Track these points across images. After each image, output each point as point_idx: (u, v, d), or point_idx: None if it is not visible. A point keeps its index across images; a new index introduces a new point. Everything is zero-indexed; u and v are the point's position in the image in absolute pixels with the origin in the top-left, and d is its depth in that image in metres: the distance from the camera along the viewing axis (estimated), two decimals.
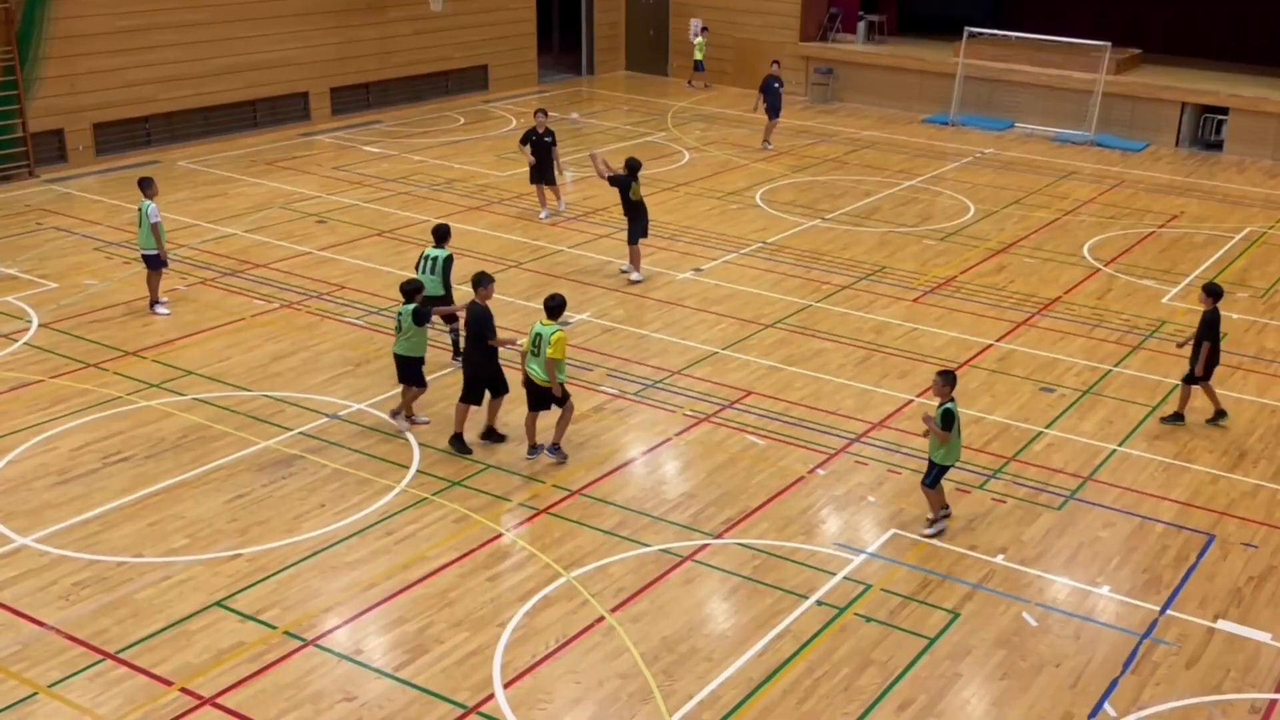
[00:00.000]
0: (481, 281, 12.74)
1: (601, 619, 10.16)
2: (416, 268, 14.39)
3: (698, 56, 32.80)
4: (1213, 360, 13.62)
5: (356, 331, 15.83)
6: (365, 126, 27.26)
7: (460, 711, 9.06)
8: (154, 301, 16.25)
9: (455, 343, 14.75)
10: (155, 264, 16.05)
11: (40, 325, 15.82)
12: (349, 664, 9.55)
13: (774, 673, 9.57)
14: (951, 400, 11.26)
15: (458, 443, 12.82)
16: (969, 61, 29.51)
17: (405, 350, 13.00)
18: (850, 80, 31.62)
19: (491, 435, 13.03)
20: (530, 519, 11.67)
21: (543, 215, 20.73)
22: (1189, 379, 13.81)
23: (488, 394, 12.87)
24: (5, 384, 14.13)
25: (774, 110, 26.28)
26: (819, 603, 10.46)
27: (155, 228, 15.71)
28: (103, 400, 13.79)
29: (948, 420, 11.17)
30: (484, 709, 9.08)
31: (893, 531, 11.59)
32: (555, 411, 12.62)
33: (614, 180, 17.88)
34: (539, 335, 12.31)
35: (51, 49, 22.47)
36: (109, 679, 9.29)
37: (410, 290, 13.04)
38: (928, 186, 23.87)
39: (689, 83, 33.25)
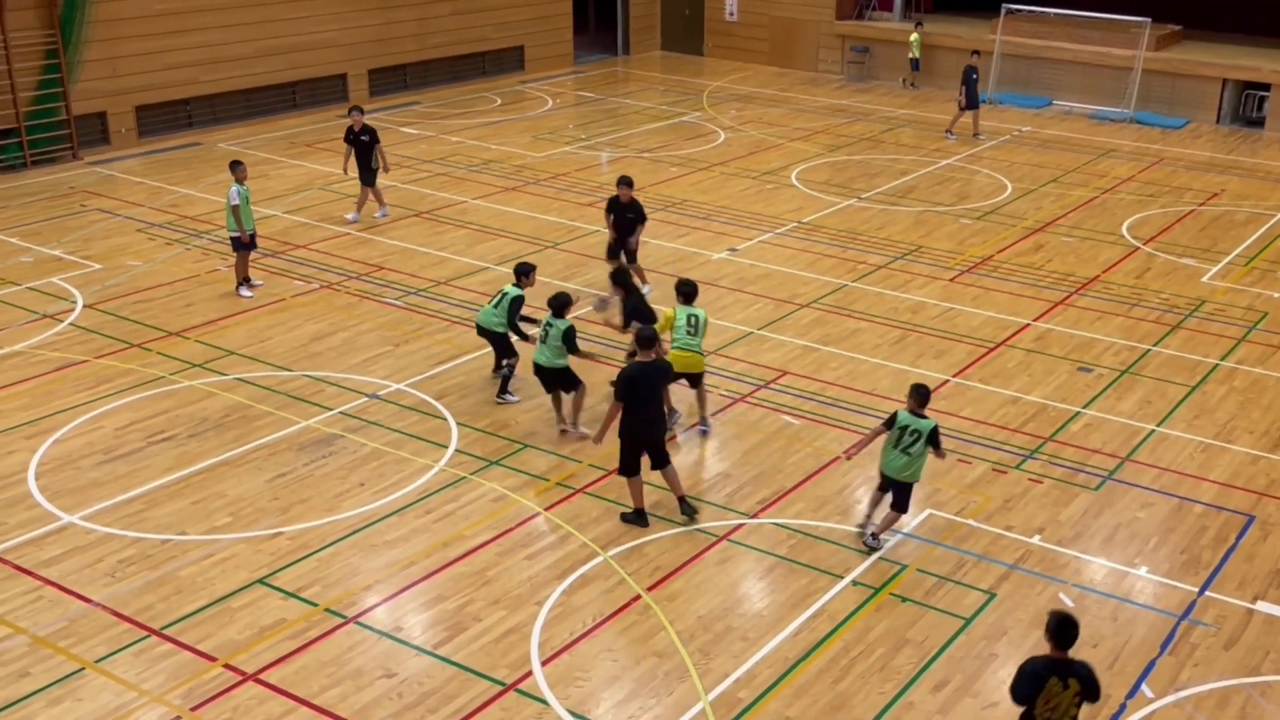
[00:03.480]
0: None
1: (638, 598, 10.24)
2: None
3: (914, 55, 29.92)
4: None
5: (395, 312, 15.95)
6: (403, 108, 27.37)
7: (498, 689, 9.15)
8: (239, 282, 16.37)
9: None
10: (237, 246, 16.17)
11: (85, 306, 16.04)
12: (389, 641, 9.67)
13: (809, 652, 9.62)
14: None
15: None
16: (1006, 39, 29.26)
17: (548, 361, 12.64)
18: (886, 58, 31.42)
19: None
20: (567, 498, 11.76)
21: (350, 217, 19.29)
22: None
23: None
24: (51, 364, 14.35)
25: (971, 101, 25.28)
26: (854, 582, 10.49)
27: (235, 210, 15.80)
28: (147, 380, 13.98)
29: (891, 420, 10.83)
30: (522, 686, 9.18)
31: (928, 512, 11.59)
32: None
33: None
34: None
35: (94, 32, 22.71)
36: (154, 655, 9.45)
37: (560, 305, 12.57)
38: (964, 165, 23.73)
39: (901, 81, 30.53)
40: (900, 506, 10.84)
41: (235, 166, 16.06)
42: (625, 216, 16.21)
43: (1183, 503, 11.87)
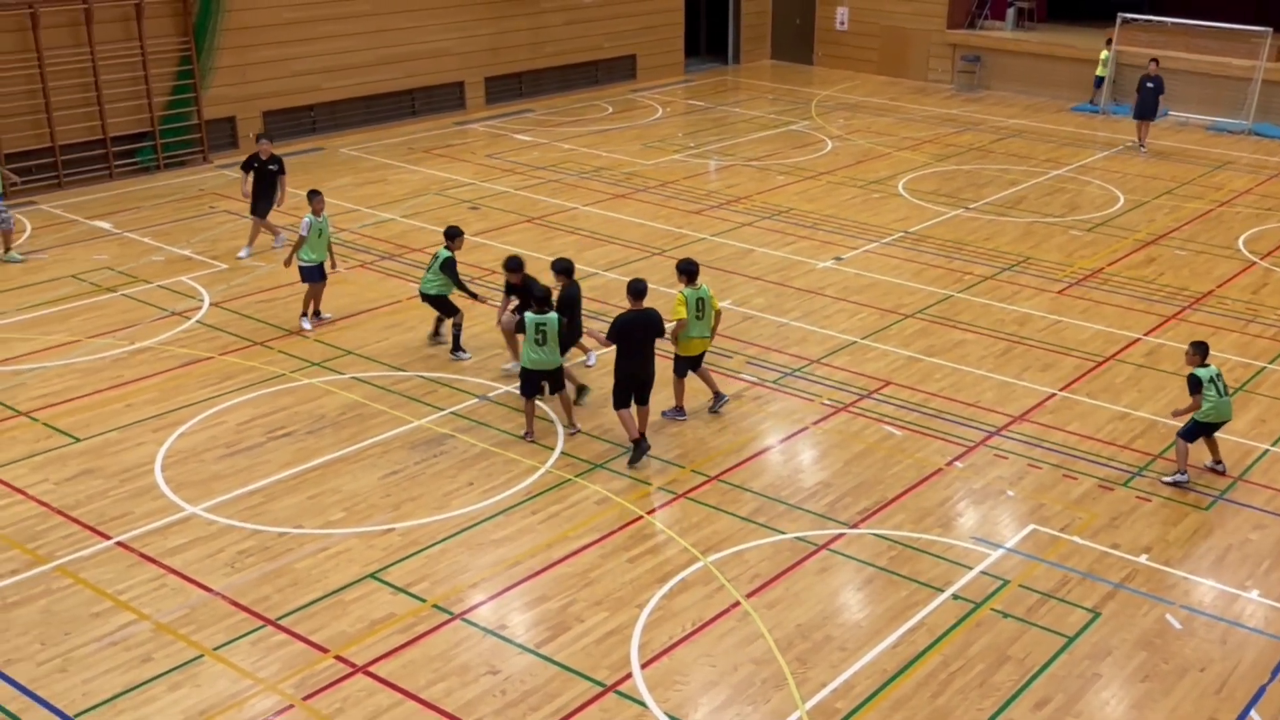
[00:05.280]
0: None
1: (737, 604, 10.33)
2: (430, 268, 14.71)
3: (1100, 73, 28.83)
4: None
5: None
6: (517, 115, 27.84)
7: (599, 690, 9.29)
8: (303, 313, 15.80)
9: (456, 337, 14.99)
10: (305, 276, 15.59)
11: (211, 304, 16.62)
12: (494, 638, 9.88)
13: (908, 665, 9.61)
14: (1204, 366, 12.09)
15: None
16: (1121, 48, 28.73)
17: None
18: (997, 68, 31.10)
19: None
20: (669, 503, 11.92)
21: (242, 254, 18.26)
22: None
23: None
24: (179, 360, 14.91)
25: (1141, 111, 24.88)
26: (955, 596, 10.46)
27: (301, 241, 15.31)
28: (268, 377, 14.46)
29: (1193, 384, 12.06)
30: (621, 688, 9.30)
31: (1032, 527, 11.52)
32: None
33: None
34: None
35: (225, 40, 23.57)
36: (269, 644, 9.75)
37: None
38: (1075, 176, 23.39)
39: (1091, 102, 29.34)
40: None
41: (312, 196, 15.54)
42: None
43: None
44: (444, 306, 14.91)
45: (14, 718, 8.91)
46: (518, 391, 13.25)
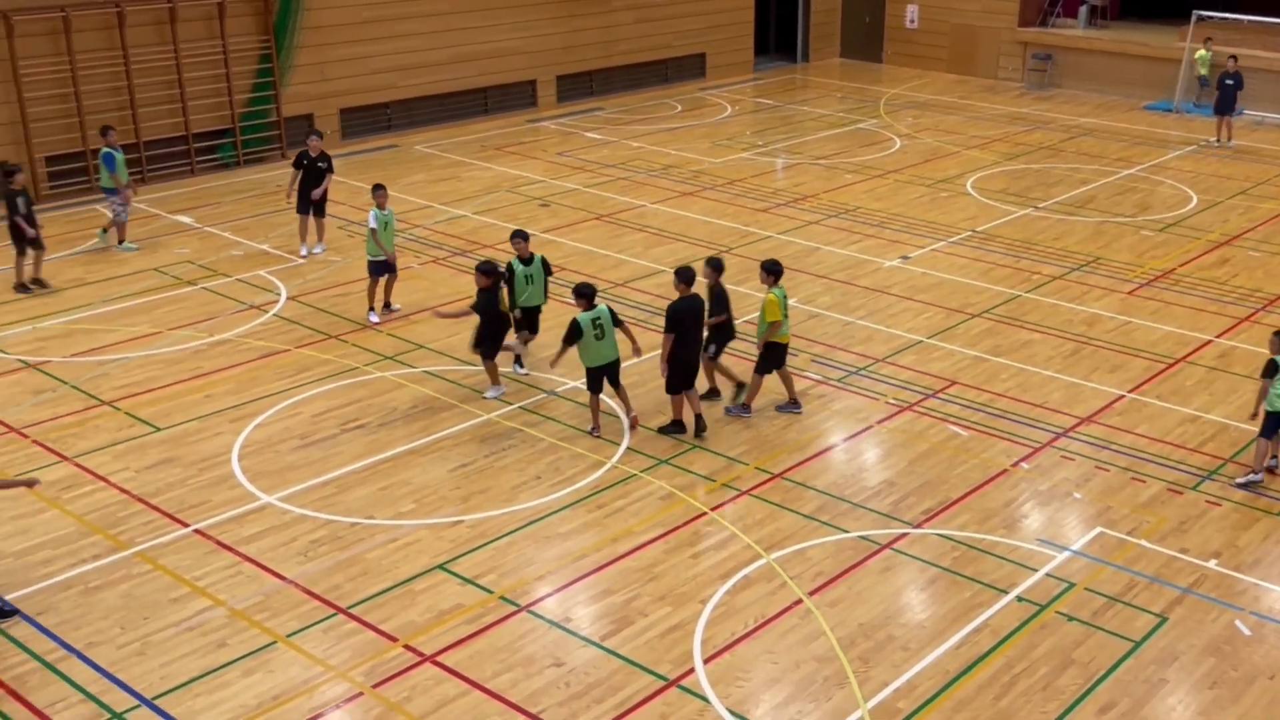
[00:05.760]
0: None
1: (799, 602, 10.39)
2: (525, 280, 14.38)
3: (1201, 72, 27.95)
4: None
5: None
6: (587, 113, 28.03)
7: (661, 684, 9.38)
8: (370, 307, 16.06)
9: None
10: (374, 270, 15.85)
11: (288, 298, 16.98)
12: (559, 631, 10.01)
13: (971, 666, 9.60)
14: None
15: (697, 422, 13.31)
16: (1195, 46, 28.28)
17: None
18: (1069, 66, 30.75)
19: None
20: (733, 500, 12.00)
21: (303, 252, 18.55)
22: None
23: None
24: (256, 352, 15.25)
25: (1221, 106, 24.79)
26: (1019, 598, 10.43)
27: (372, 234, 15.62)
28: (342, 370, 14.75)
29: (1270, 369, 11.96)
30: (684, 683, 9.39)
31: (1099, 530, 11.46)
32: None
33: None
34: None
35: (303, 39, 24.00)
36: (340, 632, 9.96)
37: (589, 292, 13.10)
38: (1147, 175, 23.11)
39: (1195, 102, 28.31)
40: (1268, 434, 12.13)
41: (376, 190, 15.86)
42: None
43: None
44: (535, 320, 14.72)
45: (94, 699, 9.19)
46: (584, 387, 13.41)
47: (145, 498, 11.95)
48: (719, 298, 13.35)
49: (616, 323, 12.99)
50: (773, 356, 13.45)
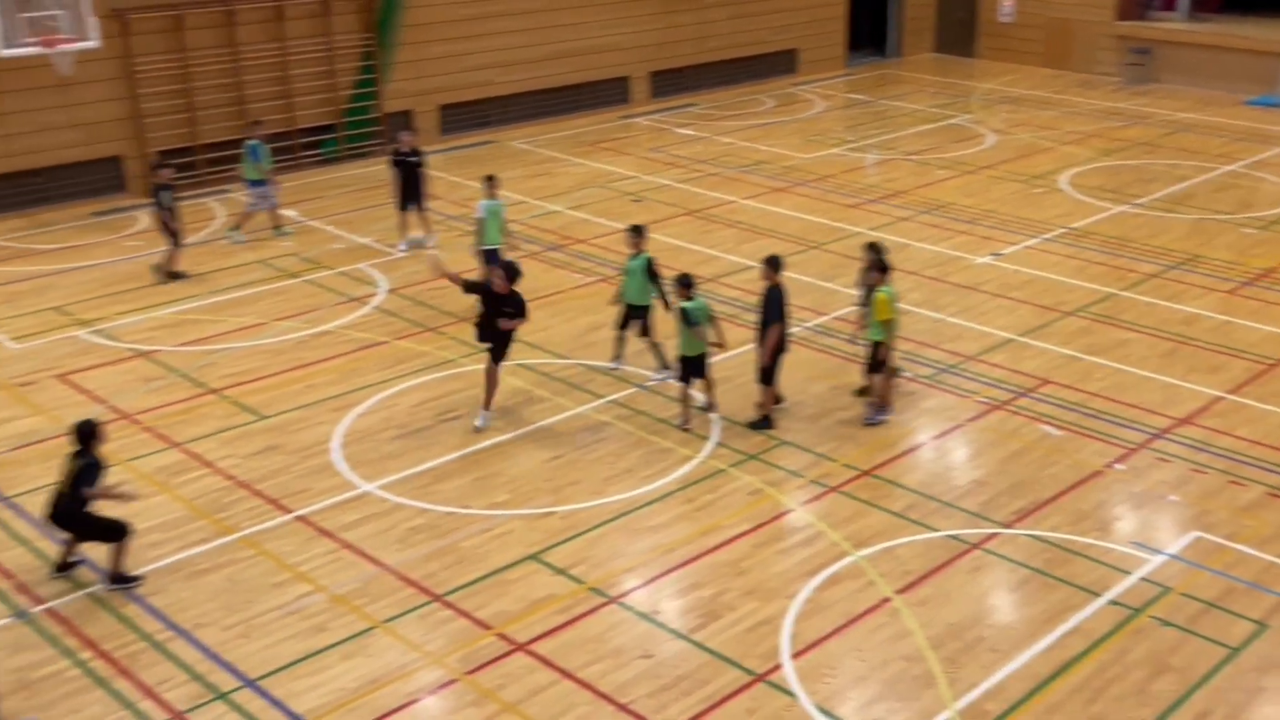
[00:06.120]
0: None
1: (887, 600, 10.41)
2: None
3: None
4: None
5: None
6: (680, 109, 28.14)
7: (749, 678, 9.46)
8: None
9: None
10: (488, 259, 16.01)
11: (388, 291, 17.34)
12: (647, 623, 10.15)
13: (1062, 669, 9.54)
14: None
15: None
16: None
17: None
18: (1168, 60, 30.10)
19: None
20: (821, 496, 12.05)
21: (401, 247, 18.78)
22: None
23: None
24: (357, 343, 15.61)
25: None
26: (1112, 602, 10.33)
27: (481, 224, 16.07)
28: (439, 362, 15.03)
29: None
30: (771, 678, 9.46)
31: (1195, 534, 11.31)
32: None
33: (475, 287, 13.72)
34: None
35: (404, 36, 24.43)
36: (436, 619, 10.20)
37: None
38: (1249, 172, 22.61)
39: None
40: None
41: (486, 181, 16.23)
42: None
43: None
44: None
45: (200, 679, 9.53)
46: (675, 380, 13.53)
47: (250, 484, 12.33)
48: (773, 301, 12.93)
49: (710, 317, 13.09)
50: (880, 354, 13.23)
